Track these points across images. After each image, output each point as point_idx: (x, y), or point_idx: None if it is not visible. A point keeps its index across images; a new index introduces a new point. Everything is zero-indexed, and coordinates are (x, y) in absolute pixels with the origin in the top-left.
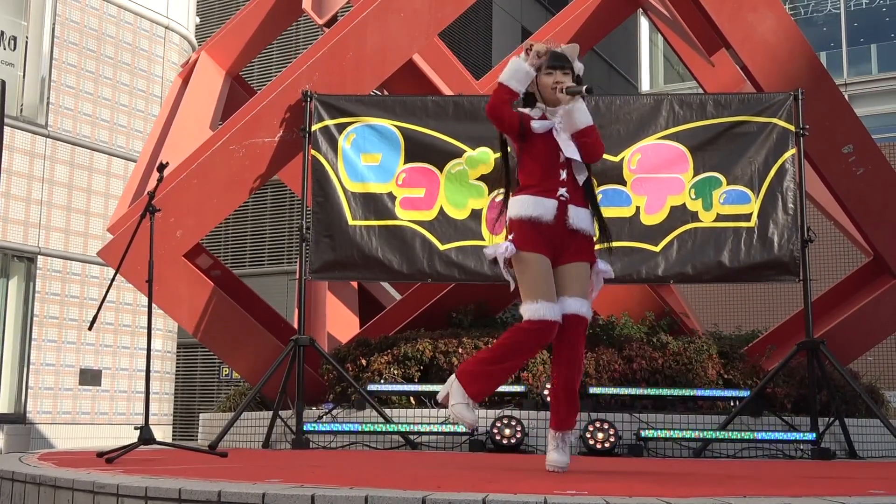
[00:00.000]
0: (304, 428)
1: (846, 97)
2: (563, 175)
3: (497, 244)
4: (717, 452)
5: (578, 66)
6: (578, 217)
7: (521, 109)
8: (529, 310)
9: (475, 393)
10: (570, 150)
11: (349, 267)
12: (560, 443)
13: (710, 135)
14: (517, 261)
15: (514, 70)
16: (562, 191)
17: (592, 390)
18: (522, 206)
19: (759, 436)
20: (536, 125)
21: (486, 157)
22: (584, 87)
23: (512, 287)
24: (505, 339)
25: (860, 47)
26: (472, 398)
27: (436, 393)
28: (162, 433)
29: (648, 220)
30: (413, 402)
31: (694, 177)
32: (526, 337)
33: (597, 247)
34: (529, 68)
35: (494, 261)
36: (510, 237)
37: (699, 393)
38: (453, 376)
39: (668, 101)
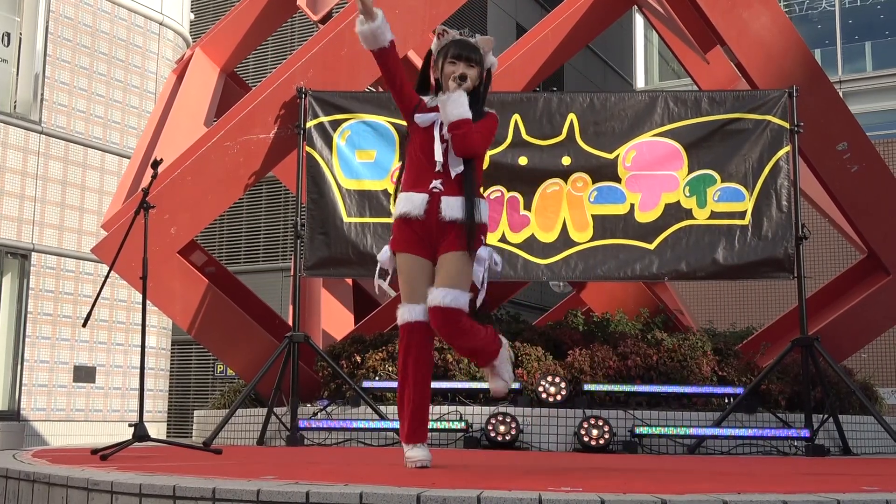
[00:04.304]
0: (299, 425)
1: (841, 95)
2: (440, 167)
3: (378, 258)
4: (712, 449)
5: (491, 61)
6: (453, 208)
7: (423, 98)
8: (398, 315)
9: (410, 434)
10: (440, 151)
11: (344, 264)
12: (491, 370)
13: (704, 132)
14: (391, 264)
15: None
16: (435, 183)
17: (587, 387)
18: (398, 204)
19: (754, 432)
20: (419, 118)
21: None
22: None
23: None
24: (398, 368)
25: (855, 45)
26: (411, 440)
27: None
28: (156, 430)
29: (643, 217)
30: None
31: (688, 174)
32: (400, 347)
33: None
34: (362, 24)
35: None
36: (390, 238)
37: (694, 390)
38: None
39: (663, 98)
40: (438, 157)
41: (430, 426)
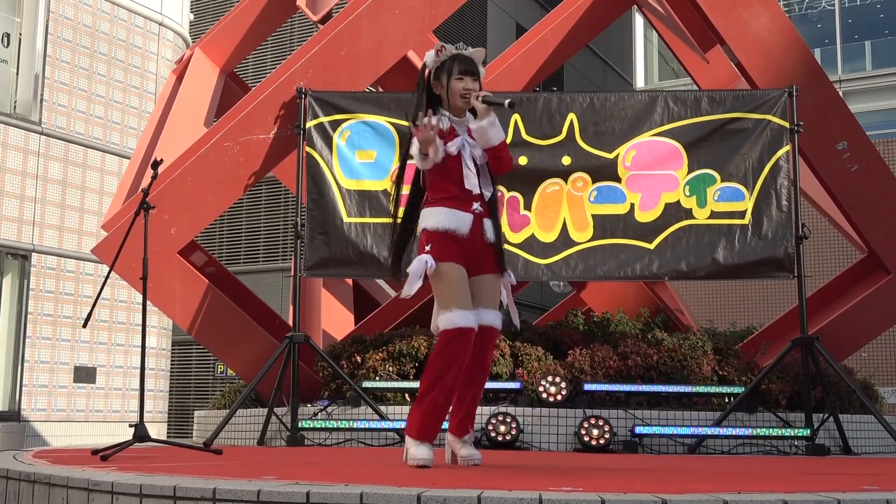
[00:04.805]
0: (300, 425)
1: (840, 94)
2: (476, 189)
3: (417, 263)
4: (712, 449)
5: (481, 72)
6: (491, 230)
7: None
8: (444, 319)
9: (423, 430)
10: (473, 180)
11: (344, 264)
12: (466, 439)
13: (704, 131)
14: (434, 273)
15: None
16: (476, 205)
17: (587, 387)
18: (440, 218)
19: (754, 432)
20: (451, 147)
21: None
22: (507, 101)
23: (412, 294)
24: (426, 370)
25: (854, 44)
26: (421, 436)
27: None
28: (157, 430)
29: (643, 217)
30: (408, 399)
31: (688, 174)
32: (445, 351)
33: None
34: (425, 161)
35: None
36: (427, 248)
37: (694, 389)
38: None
39: (663, 98)
40: (475, 185)
41: None
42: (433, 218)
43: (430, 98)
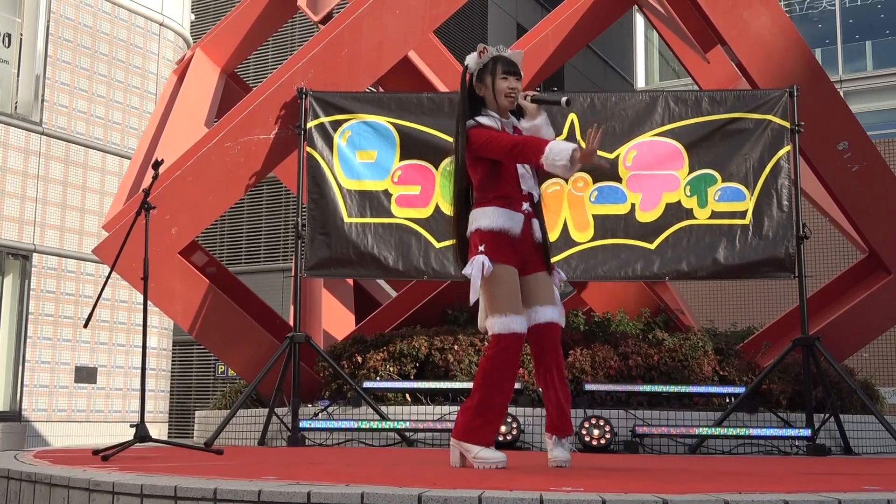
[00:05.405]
0: (300, 425)
1: (841, 94)
2: (524, 189)
3: (475, 266)
4: (713, 449)
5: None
6: (539, 230)
7: (480, 120)
8: (499, 323)
9: (488, 440)
10: (529, 182)
11: (345, 264)
12: (562, 441)
13: (705, 132)
14: (489, 274)
15: (560, 156)
16: (525, 205)
17: (588, 387)
18: (494, 217)
19: (755, 432)
20: None
21: None
22: (564, 99)
23: (473, 300)
24: (484, 376)
25: (855, 44)
26: (489, 444)
27: (431, 390)
28: (158, 431)
29: (643, 217)
30: (409, 399)
31: (689, 174)
32: (503, 357)
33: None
34: (569, 170)
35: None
36: (482, 248)
37: (695, 389)
38: (455, 442)
39: (664, 98)
40: (531, 186)
41: (430, 426)
42: (487, 218)
43: (473, 100)
